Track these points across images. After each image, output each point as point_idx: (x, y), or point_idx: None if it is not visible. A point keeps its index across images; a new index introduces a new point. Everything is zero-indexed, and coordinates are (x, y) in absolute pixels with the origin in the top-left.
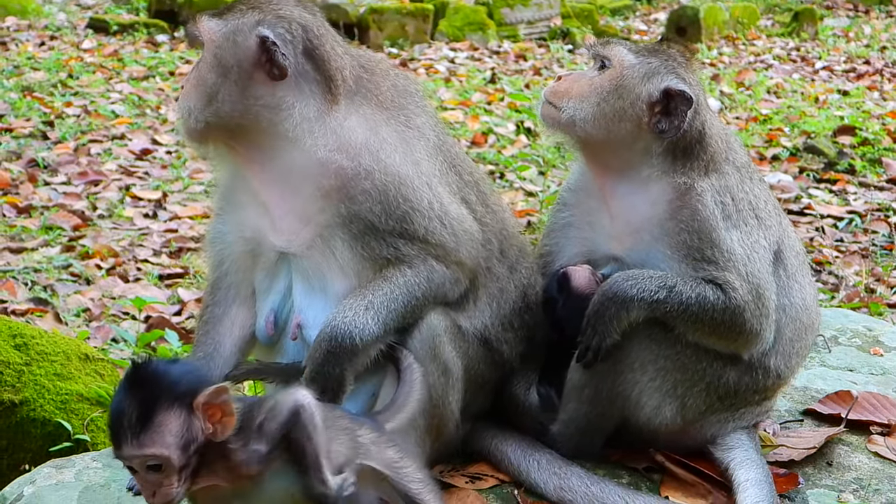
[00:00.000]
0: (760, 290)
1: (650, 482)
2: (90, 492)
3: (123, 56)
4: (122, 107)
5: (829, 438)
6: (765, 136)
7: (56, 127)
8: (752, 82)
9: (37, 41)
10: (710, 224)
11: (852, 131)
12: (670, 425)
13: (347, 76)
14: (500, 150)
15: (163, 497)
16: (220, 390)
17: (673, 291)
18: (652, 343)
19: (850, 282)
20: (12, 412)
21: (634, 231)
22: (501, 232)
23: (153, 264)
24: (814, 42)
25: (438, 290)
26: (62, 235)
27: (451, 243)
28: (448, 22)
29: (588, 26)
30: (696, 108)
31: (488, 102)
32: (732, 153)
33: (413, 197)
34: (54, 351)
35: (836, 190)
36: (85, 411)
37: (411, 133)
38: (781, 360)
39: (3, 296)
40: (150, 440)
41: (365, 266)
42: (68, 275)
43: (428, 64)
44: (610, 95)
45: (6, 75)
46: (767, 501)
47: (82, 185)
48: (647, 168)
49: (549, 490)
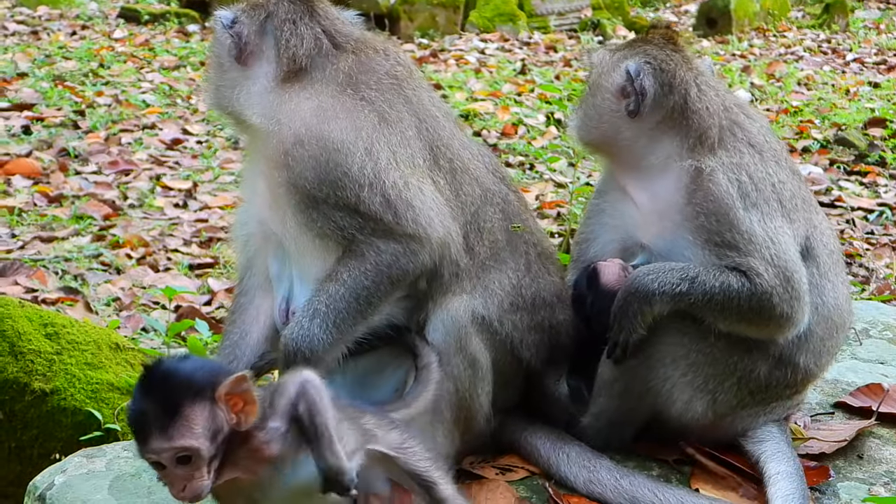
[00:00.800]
0: (788, 273)
1: (680, 474)
2: (121, 481)
3: (154, 46)
4: (153, 96)
5: (860, 431)
6: (795, 127)
7: (87, 116)
8: (783, 74)
9: (68, 30)
10: (725, 203)
11: (883, 123)
12: (701, 419)
13: (300, 57)
14: (529, 142)
15: (193, 490)
16: (240, 379)
17: (695, 282)
18: (684, 338)
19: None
20: (43, 401)
21: (659, 219)
22: (468, 225)
23: (183, 254)
24: (844, 34)
25: (391, 269)
26: (93, 225)
27: (388, 214)
28: (478, 13)
29: (619, 17)
30: (670, 81)
31: (518, 93)
32: (742, 131)
33: (345, 162)
34: (85, 340)
35: (867, 182)
36: (115, 400)
37: (368, 109)
38: (812, 359)
39: (35, 285)
40: (179, 432)
41: (323, 247)
42: (99, 264)
43: (458, 55)
44: (589, 97)
45: (38, 64)
46: (798, 494)
47: (113, 175)
48: (651, 156)
49: (578, 483)
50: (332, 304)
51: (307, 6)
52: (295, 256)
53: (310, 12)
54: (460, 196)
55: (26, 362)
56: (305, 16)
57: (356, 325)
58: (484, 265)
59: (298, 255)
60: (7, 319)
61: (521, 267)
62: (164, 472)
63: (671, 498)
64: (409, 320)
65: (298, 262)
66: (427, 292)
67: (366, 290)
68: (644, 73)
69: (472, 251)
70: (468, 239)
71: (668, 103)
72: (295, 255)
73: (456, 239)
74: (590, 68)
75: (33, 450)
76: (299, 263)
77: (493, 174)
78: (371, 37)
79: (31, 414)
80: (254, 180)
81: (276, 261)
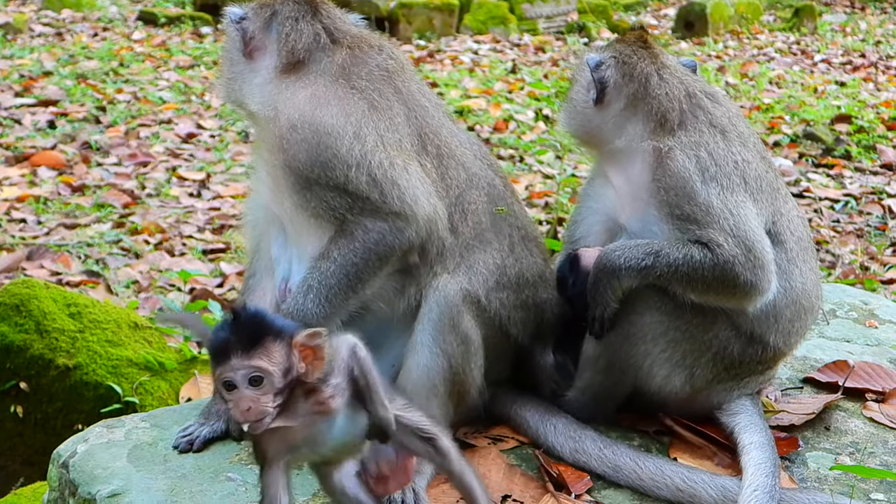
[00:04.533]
0: (749, 243)
1: (660, 444)
2: (139, 450)
3: (171, 46)
4: (170, 93)
5: (827, 405)
6: (767, 123)
7: (108, 112)
8: (756, 74)
9: (90, 32)
10: (682, 177)
11: (848, 119)
12: (679, 393)
13: (299, 50)
14: (519, 136)
15: (256, 413)
16: (316, 334)
17: (660, 256)
18: (662, 315)
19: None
20: (67, 376)
21: (632, 200)
22: (452, 206)
23: (197, 240)
24: (813, 36)
25: (378, 246)
26: (113, 213)
27: (374, 193)
28: (472, 16)
29: (603, 21)
30: (631, 72)
31: (509, 91)
32: (706, 114)
33: (334, 144)
34: (106, 319)
35: (833, 174)
36: (134, 375)
37: (358, 97)
38: (781, 338)
39: (59, 268)
40: (259, 354)
41: (317, 226)
42: (119, 249)
43: (453, 55)
44: (569, 93)
45: (62, 64)
46: (770, 463)
47: (132, 166)
48: (618, 140)
49: (565, 452)
50: (324, 280)
51: (311, 5)
52: (293, 237)
53: (313, 11)
54: (446, 179)
55: (51, 340)
56: (308, 14)
57: (347, 299)
58: (468, 245)
59: (296, 235)
60: (33, 300)
61: (504, 248)
62: (232, 393)
63: (651, 466)
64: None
65: (296, 242)
66: (418, 271)
67: (355, 266)
68: (606, 64)
69: (456, 231)
70: (452, 219)
71: (628, 91)
72: (293, 236)
73: (442, 216)
74: (572, 68)
75: (57, 421)
76: (297, 243)
77: (481, 161)
78: (368, 34)
79: (56, 388)
80: (259, 168)
81: (277, 243)
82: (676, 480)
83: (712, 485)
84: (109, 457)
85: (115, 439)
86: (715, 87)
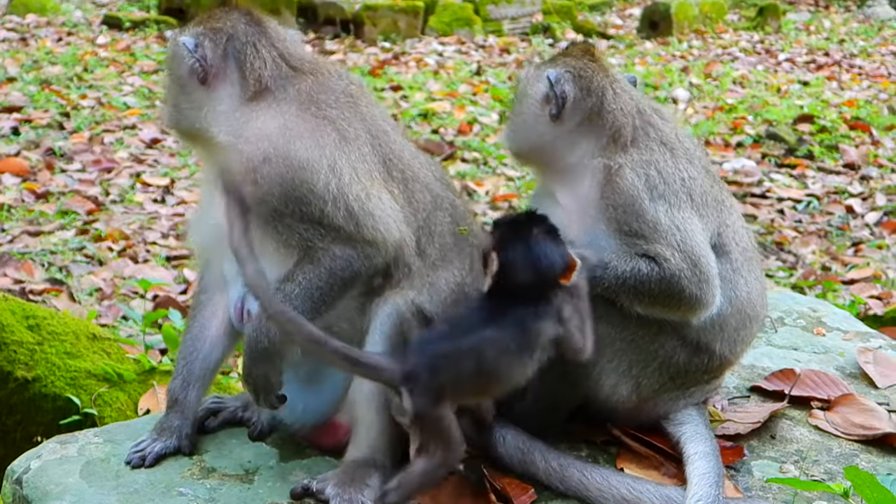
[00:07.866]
0: (695, 258)
1: (607, 455)
2: (91, 465)
3: (135, 51)
4: (134, 99)
5: (773, 413)
6: (730, 124)
7: (72, 118)
8: (719, 74)
9: (55, 37)
10: (631, 195)
11: (811, 119)
12: (626, 402)
13: (266, 78)
14: (483, 139)
15: None
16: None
17: (608, 268)
18: (609, 327)
19: (808, 260)
20: (25, 388)
21: (580, 217)
22: (421, 229)
23: (161, 246)
24: (777, 35)
25: (344, 272)
26: (77, 219)
27: (350, 225)
28: (437, 18)
29: (567, 21)
30: (588, 86)
31: (474, 93)
32: (656, 131)
33: (311, 179)
34: (64, 331)
35: (796, 174)
36: (93, 387)
37: (330, 128)
38: (727, 347)
39: (22, 276)
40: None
41: (285, 254)
42: (82, 256)
43: (418, 57)
44: (517, 109)
45: (26, 69)
46: (714, 472)
47: (96, 172)
48: (570, 157)
49: (514, 463)
50: (287, 303)
51: (260, 28)
52: None
53: (264, 34)
54: (412, 203)
55: (10, 352)
56: (262, 38)
57: (311, 320)
58: (433, 265)
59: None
60: None
61: (465, 266)
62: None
63: (597, 477)
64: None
65: None
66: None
67: (319, 290)
68: (564, 79)
69: (423, 253)
70: (420, 242)
71: (586, 106)
72: None
73: (409, 242)
74: (517, 83)
75: (16, 433)
76: None
77: (440, 182)
78: (320, 58)
79: (15, 400)
80: (211, 189)
81: (230, 261)
82: (623, 490)
83: (657, 495)
84: (62, 473)
85: (68, 455)
86: (680, 94)
